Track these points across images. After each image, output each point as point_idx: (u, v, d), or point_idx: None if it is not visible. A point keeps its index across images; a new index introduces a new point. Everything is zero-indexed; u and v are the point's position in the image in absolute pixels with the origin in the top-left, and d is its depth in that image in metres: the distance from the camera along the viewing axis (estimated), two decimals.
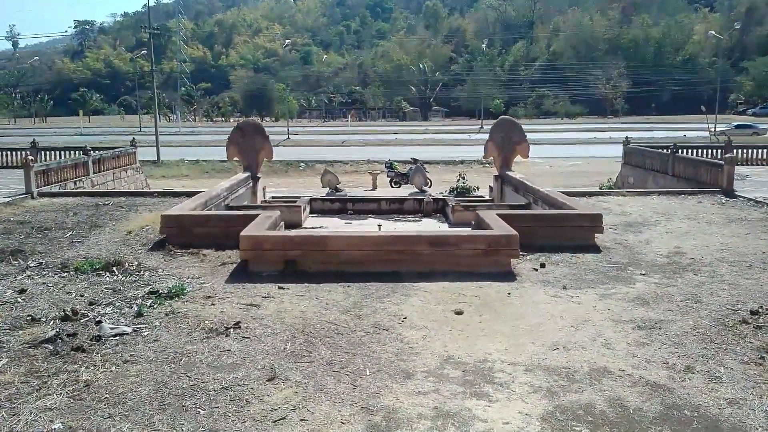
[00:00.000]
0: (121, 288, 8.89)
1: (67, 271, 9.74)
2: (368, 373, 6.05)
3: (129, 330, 7.25)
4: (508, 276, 9.44)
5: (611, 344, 6.78)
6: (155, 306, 8.08)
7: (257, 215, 11.06)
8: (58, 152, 23.47)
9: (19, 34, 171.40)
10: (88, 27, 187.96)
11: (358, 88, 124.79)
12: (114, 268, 9.76)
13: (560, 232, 11.01)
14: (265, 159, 18.62)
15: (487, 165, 38.90)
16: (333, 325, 7.40)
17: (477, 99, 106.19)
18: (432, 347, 6.71)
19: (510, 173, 18.03)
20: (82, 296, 8.53)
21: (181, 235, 11.26)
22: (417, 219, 16.26)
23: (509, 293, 8.62)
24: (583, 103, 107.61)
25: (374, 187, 26.55)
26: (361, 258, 9.43)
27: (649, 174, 22.47)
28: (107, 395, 5.60)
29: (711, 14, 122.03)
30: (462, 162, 39.83)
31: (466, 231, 9.83)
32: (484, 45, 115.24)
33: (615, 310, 7.88)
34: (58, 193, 17.23)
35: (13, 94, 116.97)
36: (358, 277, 9.25)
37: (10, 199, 15.99)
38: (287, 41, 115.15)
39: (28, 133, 61.50)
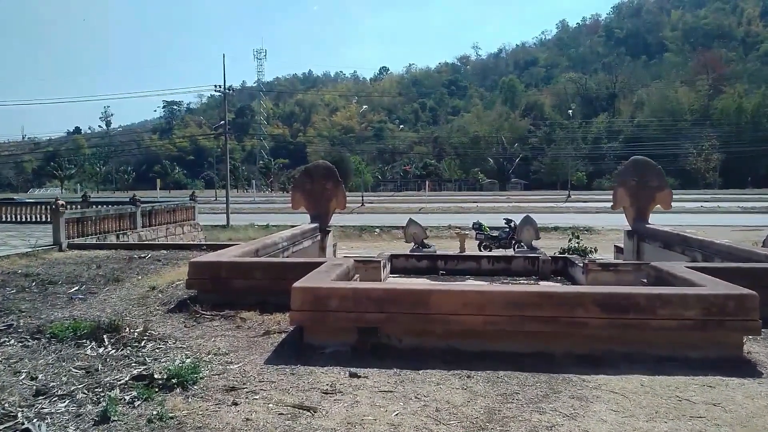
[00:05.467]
0: (101, 368, 5.52)
1: (37, 338, 6.52)
2: None
3: None
4: (743, 366, 5.46)
5: None
6: (138, 402, 4.63)
7: (322, 263, 7.59)
8: (110, 207, 21.26)
9: (112, 115, 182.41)
10: (175, 107, 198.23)
11: (433, 161, 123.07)
12: (104, 336, 6.45)
13: None
14: (336, 209, 15.42)
15: (585, 231, 34.77)
16: None
17: (558, 171, 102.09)
18: None
19: (651, 226, 13.94)
20: (32, 380, 5.22)
21: (215, 290, 7.93)
22: (532, 281, 12.37)
23: None
24: (674, 176, 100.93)
25: (462, 250, 22.85)
26: (483, 328, 5.72)
27: None
28: None
29: None
30: (555, 229, 35.54)
31: (660, 289, 5.96)
32: (570, 111, 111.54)
33: None
34: (91, 245, 14.51)
35: (100, 168, 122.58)
36: (481, 359, 5.55)
37: (31, 249, 13.33)
38: (364, 107, 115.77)
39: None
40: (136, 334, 6.60)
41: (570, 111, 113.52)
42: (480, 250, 24.12)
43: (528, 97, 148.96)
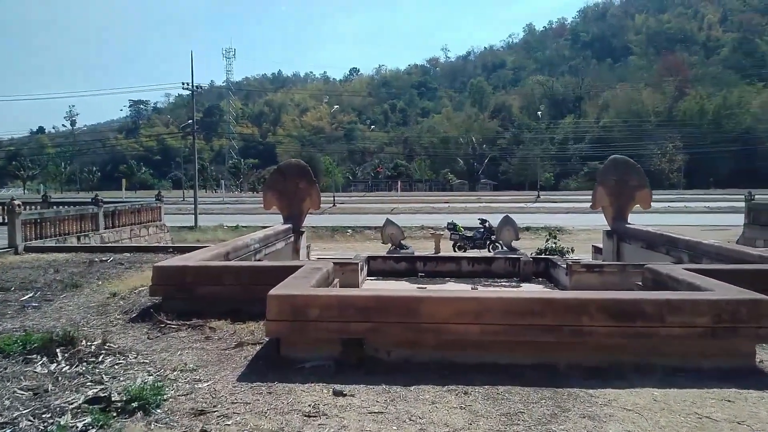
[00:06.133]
0: (51, 388, 4.87)
1: None
2: None
3: None
4: (757, 376, 5.10)
5: None
6: (92, 430, 4.03)
7: (299, 266, 7.03)
8: (71, 207, 20.21)
9: (77, 114, 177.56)
10: (142, 106, 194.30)
11: (403, 161, 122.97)
12: (58, 350, 5.78)
13: None
14: (310, 209, 14.84)
15: (557, 231, 34.70)
16: None
17: (526, 172, 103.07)
18: None
19: (632, 226, 13.70)
20: None
21: (182, 297, 7.31)
22: (513, 283, 11.97)
23: None
24: None
25: (437, 251, 22.48)
26: (480, 337, 5.25)
27: None
28: None
29: (765, 89, 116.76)
30: (527, 229, 35.37)
31: (669, 294, 5.55)
32: (539, 113, 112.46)
33: None
34: (49, 247, 13.61)
35: (64, 168, 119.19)
36: (478, 372, 5.08)
37: None
38: (335, 107, 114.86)
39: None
40: (93, 347, 5.95)
41: (539, 112, 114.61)
42: (454, 251, 23.80)
43: (496, 99, 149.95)
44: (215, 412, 4.33)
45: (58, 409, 4.41)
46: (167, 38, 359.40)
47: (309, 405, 4.45)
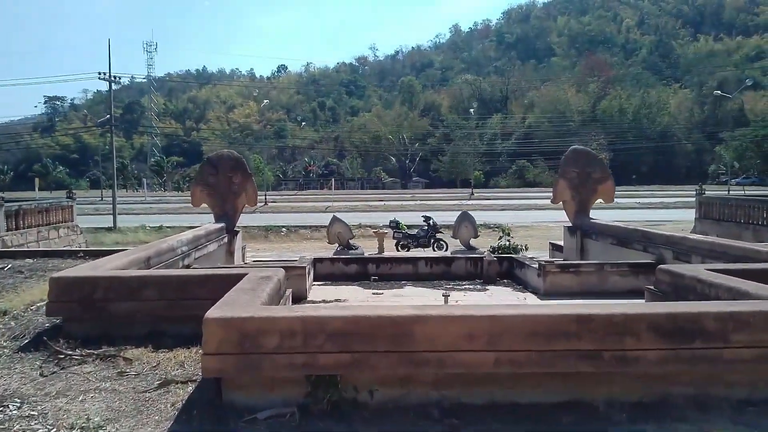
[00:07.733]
0: None
1: None
2: None
3: None
4: None
5: None
6: None
7: (243, 275, 5.53)
8: None
9: None
10: (58, 103, 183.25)
11: (335, 160, 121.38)
12: None
13: None
14: (246, 206, 13.21)
15: (495, 227, 34.13)
16: None
17: (457, 170, 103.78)
18: None
19: (599, 221, 12.87)
20: None
21: (88, 318, 5.66)
22: (479, 287, 10.81)
23: None
24: None
25: (380, 251, 21.19)
26: (496, 369, 3.94)
27: (746, 228, 17.55)
28: None
29: (681, 90, 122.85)
30: None
31: (732, 305, 4.40)
32: (472, 111, 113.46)
33: None
34: None
35: None
36: (494, 417, 3.78)
37: None
38: (265, 101, 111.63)
39: None
40: None
41: (471, 110, 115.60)
42: (397, 249, 22.63)
43: (426, 98, 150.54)
44: None
45: None
46: (84, 32, 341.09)
47: None
